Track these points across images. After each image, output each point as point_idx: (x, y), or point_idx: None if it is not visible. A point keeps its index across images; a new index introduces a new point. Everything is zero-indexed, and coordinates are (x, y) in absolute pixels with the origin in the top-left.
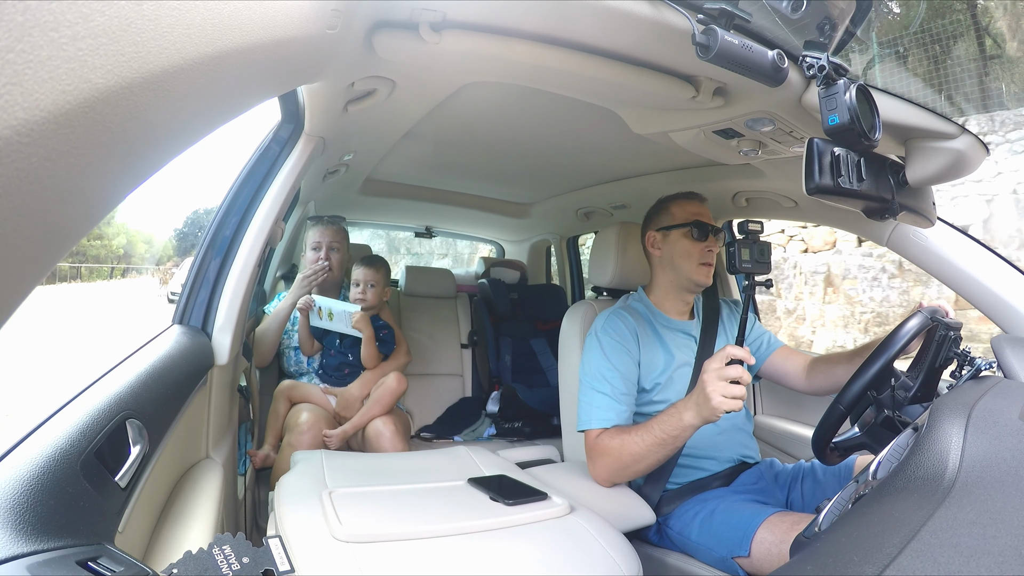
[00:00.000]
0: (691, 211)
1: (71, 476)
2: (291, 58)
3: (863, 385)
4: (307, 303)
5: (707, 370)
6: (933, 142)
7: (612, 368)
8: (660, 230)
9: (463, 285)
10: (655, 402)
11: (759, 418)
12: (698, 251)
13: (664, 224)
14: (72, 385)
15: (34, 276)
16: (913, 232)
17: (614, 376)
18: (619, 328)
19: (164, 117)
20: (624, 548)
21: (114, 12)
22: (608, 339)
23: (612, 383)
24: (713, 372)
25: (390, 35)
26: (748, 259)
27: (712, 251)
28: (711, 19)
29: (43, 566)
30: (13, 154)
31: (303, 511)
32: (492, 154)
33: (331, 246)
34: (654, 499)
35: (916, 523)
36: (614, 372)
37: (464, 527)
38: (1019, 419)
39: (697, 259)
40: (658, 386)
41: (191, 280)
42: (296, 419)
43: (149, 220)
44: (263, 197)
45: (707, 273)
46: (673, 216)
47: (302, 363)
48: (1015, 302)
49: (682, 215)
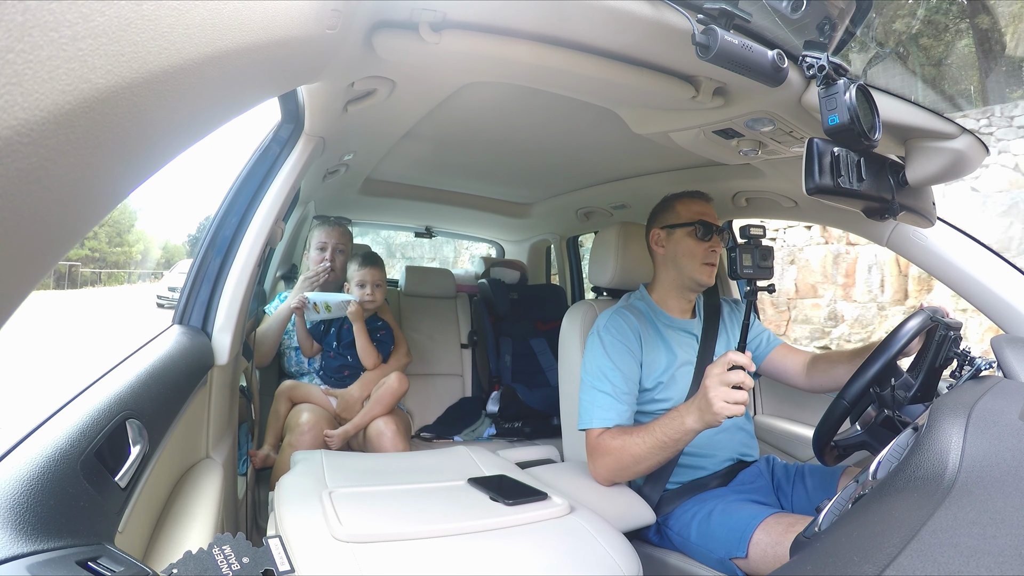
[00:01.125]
0: (696, 210)
1: (71, 476)
2: (291, 58)
3: (866, 382)
4: (301, 302)
5: (709, 375)
6: (933, 142)
7: (614, 367)
8: (665, 228)
9: (463, 285)
10: (657, 400)
11: (759, 418)
12: (701, 251)
13: (669, 222)
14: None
15: (34, 276)
16: (913, 232)
17: (616, 375)
18: (621, 327)
19: (164, 117)
20: (624, 548)
21: (114, 12)
22: (610, 338)
23: (614, 382)
24: (715, 377)
25: (390, 35)
26: (750, 264)
27: (715, 251)
28: (711, 19)
29: (43, 566)
30: (13, 154)
31: (303, 511)
32: (492, 154)
33: (337, 247)
34: (654, 499)
35: (916, 523)
36: (616, 371)
37: (464, 527)
38: (1019, 419)
39: (700, 259)
40: (660, 385)
41: (191, 280)
42: (297, 419)
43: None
44: (263, 197)
45: (710, 273)
46: (678, 214)
47: (303, 364)
48: (1015, 302)
49: (687, 214)
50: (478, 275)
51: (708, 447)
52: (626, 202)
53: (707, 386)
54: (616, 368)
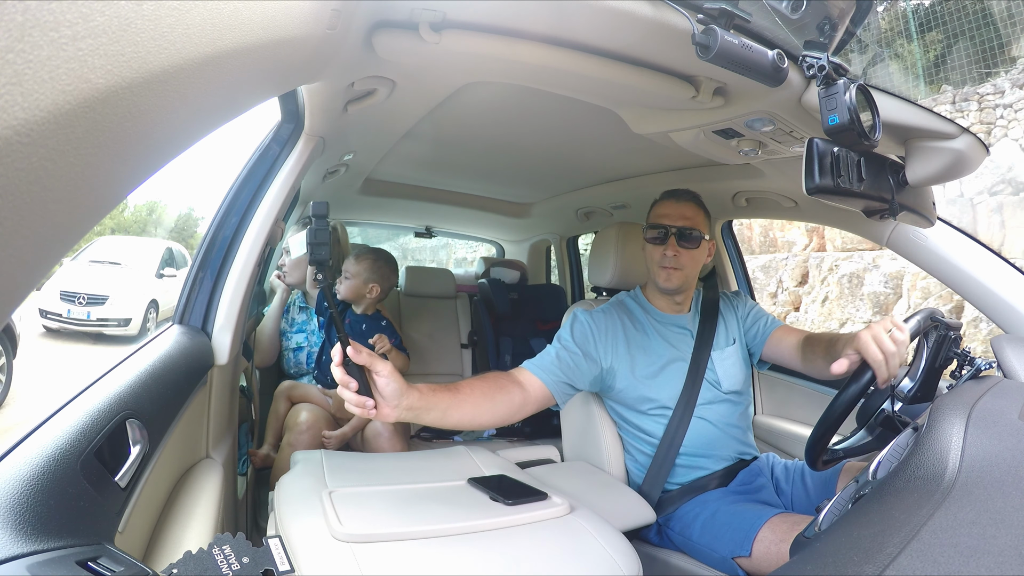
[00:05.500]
0: (660, 212)
1: (71, 476)
2: (291, 58)
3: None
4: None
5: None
6: (933, 142)
7: (571, 339)
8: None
9: (463, 285)
10: (647, 399)
11: (759, 418)
12: (658, 254)
13: (646, 224)
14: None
15: (34, 276)
16: (913, 232)
17: (570, 343)
18: (599, 320)
19: (164, 117)
20: (624, 548)
21: (114, 12)
22: (585, 318)
23: (564, 344)
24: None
25: (390, 35)
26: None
27: (670, 255)
28: (711, 19)
29: (43, 566)
30: (13, 154)
31: (303, 511)
32: (492, 154)
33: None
34: (654, 499)
35: (916, 523)
36: (571, 341)
37: (464, 527)
38: (1019, 419)
39: (657, 262)
40: (647, 378)
41: (191, 280)
42: (295, 419)
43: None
44: (263, 197)
45: (666, 277)
46: (650, 215)
47: (301, 364)
48: (1015, 302)
49: (652, 216)
50: (478, 275)
51: (707, 447)
52: (626, 202)
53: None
54: (572, 340)
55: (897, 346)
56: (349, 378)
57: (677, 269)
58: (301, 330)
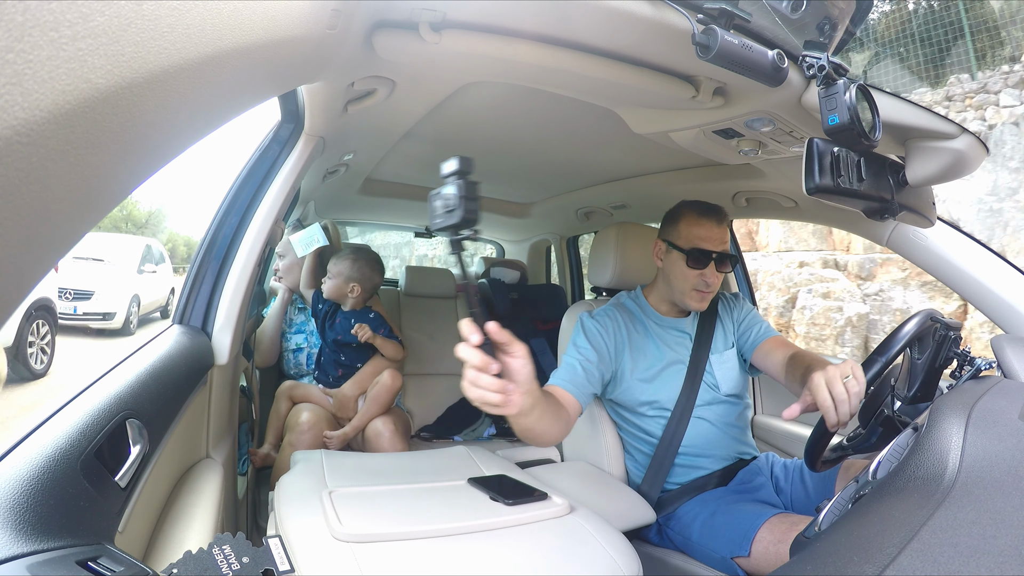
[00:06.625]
0: (697, 235)
1: (71, 476)
2: (291, 58)
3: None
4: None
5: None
6: (933, 142)
7: (588, 345)
8: (666, 242)
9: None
10: (645, 402)
11: (758, 418)
12: (694, 277)
13: (670, 237)
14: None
15: (34, 276)
16: (913, 232)
17: (588, 350)
18: (604, 320)
19: (164, 117)
20: (624, 548)
21: (114, 12)
22: (592, 323)
23: (584, 354)
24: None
25: (390, 35)
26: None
27: (709, 280)
28: (711, 19)
29: (43, 566)
30: (13, 154)
31: (303, 511)
32: (492, 154)
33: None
34: (653, 498)
35: (916, 523)
36: (589, 347)
37: (464, 527)
38: (1019, 419)
39: (691, 285)
40: (646, 382)
41: (191, 280)
42: (297, 419)
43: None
44: (263, 197)
45: (700, 299)
46: (679, 233)
47: (301, 365)
48: (1015, 302)
49: (687, 237)
50: (478, 275)
51: (707, 447)
52: (626, 202)
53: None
54: (590, 346)
55: (849, 395)
56: (489, 359)
57: (708, 292)
58: (300, 331)
